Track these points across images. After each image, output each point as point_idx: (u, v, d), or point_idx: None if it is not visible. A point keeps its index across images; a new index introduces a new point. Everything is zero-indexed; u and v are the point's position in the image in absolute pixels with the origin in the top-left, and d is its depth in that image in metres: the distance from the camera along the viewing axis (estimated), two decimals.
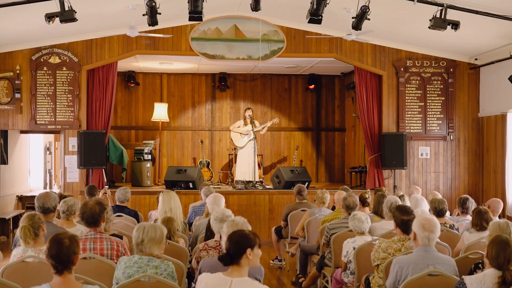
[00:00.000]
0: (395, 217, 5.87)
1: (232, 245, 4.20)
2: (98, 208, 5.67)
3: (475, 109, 13.90)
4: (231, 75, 17.19)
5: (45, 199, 6.56)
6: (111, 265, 5.48)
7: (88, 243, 5.61)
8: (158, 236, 4.94)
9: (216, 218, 5.77)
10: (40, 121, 13.08)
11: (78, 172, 13.13)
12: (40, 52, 13.08)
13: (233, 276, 4.14)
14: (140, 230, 4.94)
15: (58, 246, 4.03)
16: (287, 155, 17.43)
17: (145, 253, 4.93)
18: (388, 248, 5.84)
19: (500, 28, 11.23)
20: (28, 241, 5.46)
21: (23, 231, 5.45)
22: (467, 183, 13.84)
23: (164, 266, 4.89)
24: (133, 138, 16.91)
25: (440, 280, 4.91)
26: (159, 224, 5.08)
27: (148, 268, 4.84)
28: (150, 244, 4.89)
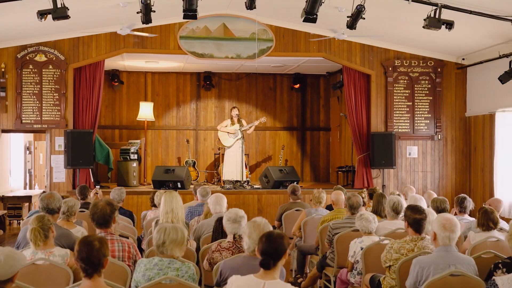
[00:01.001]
0: (407, 216, 5.83)
1: (272, 248, 4.11)
2: (109, 208, 5.55)
3: (462, 108, 13.98)
4: (216, 74, 17.09)
5: (49, 199, 6.42)
6: (123, 267, 5.37)
7: None
8: (180, 237, 4.83)
9: (230, 219, 5.68)
10: (25, 120, 12.87)
11: (64, 172, 12.92)
12: (26, 50, 12.87)
13: (266, 278, 4.06)
14: (161, 231, 4.83)
15: (88, 248, 3.92)
16: (272, 155, 17.38)
17: (166, 255, 4.83)
18: (400, 249, 5.79)
19: (490, 28, 11.30)
20: (38, 243, 5.32)
21: (33, 233, 5.31)
22: (455, 182, 13.91)
23: (185, 268, 4.79)
24: (117, 137, 16.73)
25: (462, 280, 4.88)
26: (180, 226, 4.97)
27: (169, 270, 4.73)
28: (172, 246, 4.79)
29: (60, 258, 5.34)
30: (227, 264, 4.87)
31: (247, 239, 4.78)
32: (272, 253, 4.09)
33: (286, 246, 4.15)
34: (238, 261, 4.87)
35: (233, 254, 5.52)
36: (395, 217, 7.74)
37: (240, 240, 5.66)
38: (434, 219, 5.28)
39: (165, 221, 7.16)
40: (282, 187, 13.61)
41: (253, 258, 4.78)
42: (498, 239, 6.57)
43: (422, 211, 5.77)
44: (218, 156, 16.33)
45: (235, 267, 4.76)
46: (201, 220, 8.22)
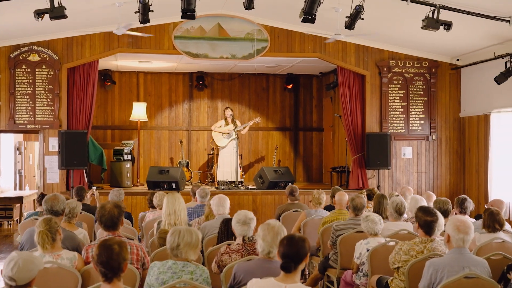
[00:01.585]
0: (418, 218, 5.80)
1: (294, 251, 4.07)
2: (117, 211, 5.47)
3: (456, 109, 14.01)
4: (208, 74, 17.03)
5: (53, 201, 6.34)
6: (132, 270, 5.30)
7: None
8: (194, 240, 4.77)
9: (239, 221, 5.63)
10: (19, 120, 12.74)
11: (58, 172, 12.81)
12: (19, 50, 12.74)
13: (286, 282, 4.02)
14: (175, 234, 4.77)
15: (108, 252, 3.86)
16: (265, 155, 17.35)
17: (180, 258, 4.77)
18: (410, 251, 5.77)
19: (485, 29, 11.33)
20: (46, 246, 5.24)
21: (40, 236, 5.23)
22: (449, 182, 13.94)
23: (199, 272, 4.73)
24: (109, 137, 16.62)
25: (476, 283, 4.86)
26: (194, 229, 4.91)
27: (183, 273, 4.67)
28: (186, 248, 4.73)
29: (68, 261, 5.27)
30: (241, 267, 4.82)
31: (261, 242, 4.73)
32: (293, 256, 4.06)
33: (307, 250, 4.11)
34: (252, 264, 4.83)
35: (243, 257, 5.47)
36: (398, 218, 7.73)
37: (250, 243, 5.62)
38: (447, 221, 5.25)
39: (168, 222, 7.12)
40: (277, 187, 13.58)
41: (267, 261, 4.74)
42: (504, 240, 6.58)
43: (433, 213, 5.74)
44: (212, 156, 16.27)
45: (249, 270, 4.71)
46: (202, 221, 8.17)
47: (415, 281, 5.70)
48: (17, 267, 3.77)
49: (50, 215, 6.26)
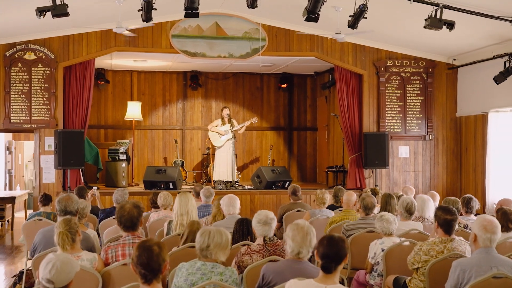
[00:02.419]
0: (437, 217, 5.77)
1: (334, 251, 4.02)
2: (136, 211, 5.39)
3: (453, 109, 14.04)
4: (203, 73, 16.93)
5: (67, 202, 6.25)
6: None
7: (127, 249, 5.33)
8: (224, 241, 4.70)
9: (260, 221, 5.57)
10: (14, 119, 12.58)
11: (54, 172, 12.66)
12: (14, 48, 12.58)
13: (326, 283, 3.96)
14: (205, 235, 4.69)
15: (149, 253, 3.77)
16: (260, 155, 17.28)
17: (209, 259, 4.69)
18: (430, 251, 5.74)
19: (485, 29, 11.36)
20: (66, 247, 5.15)
21: (60, 237, 5.14)
22: (445, 182, 13.97)
23: (229, 273, 4.66)
24: (103, 137, 16.47)
25: (505, 283, 4.82)
26: (224, 229, 4.84)
27: (212, 275, 4.60)
28: (216, 249, 4.66)
29: (88, 263, 5.18)
30: (270, 268, 4.75)
31: (291, 242, 4.66)
32: (333, 256, 4.01)
33: (346, 250, 4.07)
34: (281, 264, 4.76)
35: (264, 257, 5.41)
36: (408, 217, 7.70)
37: (271, 243, 5.56)
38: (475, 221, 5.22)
39: (180, 223, 7.07)
40: (275, 187, 13.53)
41: (296, 262, 4.68)
42: None
43: (453, 212, 5.72)
44: (207, 156, 16.18)
45: (278, 271, 4.65)
46: (209, 221, 8.09)
47: (436, 281, 5.68)
48: (55, 269, 3.69)
49: (63, 215, 6.17)
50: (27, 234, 8.66)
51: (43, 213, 8.75)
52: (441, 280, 5.64)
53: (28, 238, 8.68)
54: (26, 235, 8.67)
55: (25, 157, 21.55)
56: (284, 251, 5.53)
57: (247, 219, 6.27)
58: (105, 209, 8.98)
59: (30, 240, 8.67)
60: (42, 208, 8.95)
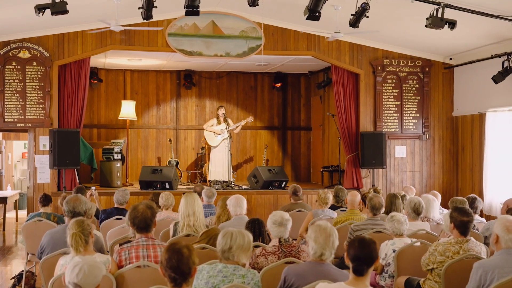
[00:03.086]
0: (453, 218, 5.71)
1: (366, 254, 3.94)
2: (150, 212, 5.29)
3: (449, 108, 14.03)
4: (196, 72, 16.80)
5: (75, 202, 6.12)
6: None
7: (141, 250, 5.22)
8: (246, 243, 4.61)
9: (275, 222, 5.49)
10: (8, 118, 12.40)
11: (49, 172, 12.50)
12: (8, 46, 12.40)
13: (358, 286, 3.89)
14: (227, 236, 4.59)
15: (179, 256, 3.67)
16: (254, 155, 17.19)
17: (231, 261, 4.59)
18: (446, 251, 5.68)
19: (483, 28, 11.35)
20: (80, 249, 5.03)
21: (74, 238, 5.01)
22: (442, 181, 13.95)
23: (250, 275, 4.56)
24: (95, 136, 16.30)
25: None
26: (246, 231, 4.74)
27: (234, 277, 4.50)
28: (239, 251, 4.56)
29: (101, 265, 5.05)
30: (292, 270, 4.66)
31: (313, 244, 4.58)
32: (365, 258, 3.93)
33: (377, 252, 3.99)
34: (303, 266, 4.68)
35: (279, 259, 5.33)
36: (416, 218, 7.67)
37: (286, 244, 5.47)
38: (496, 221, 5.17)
39: (187, 224, 6.97)
40: (271, 187, 13.44)
41: (319, 264, 4.60)
42: None
43: (469, 213, 5.67)
44: (201, 155, 16.06)
45: (300, 273, 4.56)
46: (213, 221, 8.01)
47: (452, 282, 5.62)
48: (82, 273, 3.58)
49: (72, 216, 6.05)
50: (27, 235, 8.53)
51: (43, 214, 8.61)
52: (457, 281, 5.60)
53: (28, 239, 8.56)
54: (25, 236, 8.53)
55: (15, 157, 21.32)
56: (299, 252, 5.45)
57: (259, 219, 6.20)
58: (105, 210, 8.85)
59: (30, 241, 8.57)
60: (42, 208, 8.81)
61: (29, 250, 8.61)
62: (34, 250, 8.57)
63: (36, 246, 8.48)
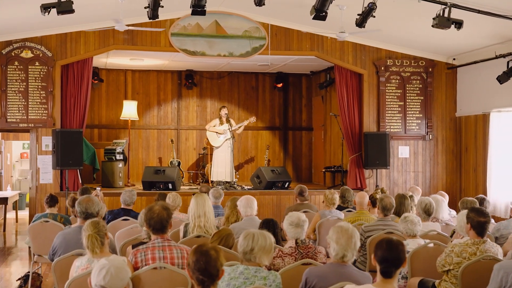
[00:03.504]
0: (470, 219, 5.67)
1: (394, 255, 3.89)
2: (166, 213, 5.22)
3: (452, 108, 14.01)
4: (197, 72, 16.74)
5: (88, 203, 6.05)
6: (183, 275, 5.07)
7: (157, 252, 5.16)
8: (268, 244, 4.56)
9: (292, 223, 5.43)
10: (11, 119, 12.32)
11: (52, 173, 12.42)
12: (11, 46, 12.32)
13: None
14: (249, 238, 4.54)
15: (207, 258, 3.62)
16: (255, 155, 17.14)
17: (253, 263, 4.54)
18: (462, 253, 5.64)
19: (488, 29, 11.31)
20: (96, 250, 4.98)
21: (90, 240, 4.96)
22: (445, 182, 13.92)
23: (272, 277, 4.51)
24: (96, 137, 16.22)
25: None
26: (267, 232, 4.70)
27: (256, 279, 4.45)
28: (260, 253, 4.51)
29: None
30: (313, 272, 4.62)
31: (335, 245, 4.53)
32: (393, 260, 3.89)
33: (405, 254, 3.95)
34: (325, 268, 4.63)
35: (296, 260, 5.28)
36: (426, 218, 7.64)
37: (303, 245, 5.42)
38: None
39: (197, 225, 6.92)
40: (275, 187, 13.40)
41: (341, 265, 4.55)
42: None
43: (486, 214, 5.63)
44: (203, 156, 16.01)
45: (322, 275, 4.52)
46: (222, 222, 7.95)
47: (468, 283, 5.58)
48: (109, 275, 3.52)
49: (84, 218, 6.00)
50: (34, 236, 8.46)
51: (49, 215, 8.53)
52: (474, 282, 5.57)
53: (35, 240, 8.49)
54: (32, 237, 8.46)
55: (13, 157, 21.22)
56: (316, 254, 5.41)
57: (273, 220, 6.14)
58: (112, 211, 8.79)
59: (36, 242, 8.49)
60: (48, 209, 8.73)
61: (35, 251, 8.54)
62: (40, 251, 8.52)
63: (42, 247, 8.46)
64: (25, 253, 12.33)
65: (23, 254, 12.29)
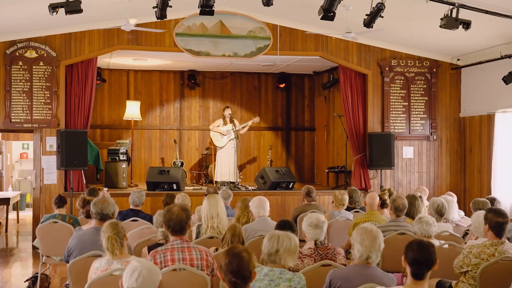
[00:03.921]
0: (488, 220, 5.66)
1: (425, 257, 3.87)
2: (185, 214, 5.19)
3: (456, 109, 14.00)
4: (200, 72, 16.69)
5: (103, 204, 6.01)
6: (203, 277, 5.05)
7: (176, 253, 5.12)
8: (293, 246, 4.53)
9: (311, 224, 5.41)
10: (15, 119, 12.25)
11: (56, 173, 12.36)
12: (15, 46, 12.25)
13: None
14: (274, 239, 4.51)
15: (239, 260, 3.58)
16: (257, 155, 17.11)
17: (278, 265, 4.51)
18: (481, 254, 5.62)
19: (494, 29, 11.29)
20: (116, 252, 4.94)
21: (110, 241, 4.92)
22: (449, 182, 13.91)
23: (297, 279, 4.48)
24: (98, 137, 16.16)
25: None
26: (292, 234, 4.66)
27: (281, 281, 4.42)
28: (285, 254, 4.48)
29: None
30: (337, 274, 4.59)
31: (359, 246, 4.51)
32: (425, 261, 3.87)
33: (436, 255, 3.92)
34: (349, 270, 4.60)
35: (315, 261, 5.26)
36: (439, 219, 7.61)
37: (322, 247, 5.40)
38: None
39: (210, 226, 6.90)
40: (279, 188, 13.36)
41: (365, 267, 4.53)
42: None
43: (505, 214, 5.62)
44: (206, 156, 15.97)
45: (346, 277, 4.49)
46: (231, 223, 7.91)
47: (487, 285, 5.57)
48: (141, 277, 3.47)
49: (100, 219, 5.96)
50: (42, 237, 8.42)
51: (58, 216, 8.49)
52: (492, 283, 5.55)
53: (43, 241, 8.45)
54: (41, 238, 8.42)
55: (13, 158, 21.15)
56: (335, 255, 5.38)
57: (289, 221, 6.09)
58: (121, 211, 8.72)
59: (45, 243, 8.46)
60: (57, 210, 8.68)
61: (44, 252, 8.50)
62: (49, 252, 8.49)
63: (51, 248, 8.44)
64: (24, 254, 12.33)
65: (23, 255, 12.28)
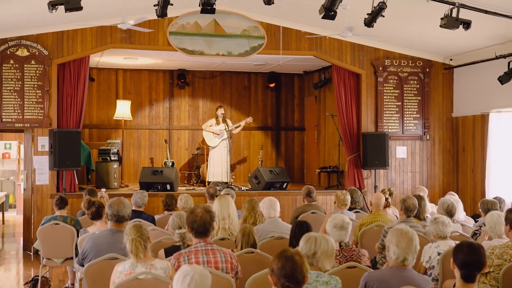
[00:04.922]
0: (509, 220, 5.65)
1: (476, 259, 3.80)
2: (209, 216, 5.08)
3: (449, 109, 14.03)
4: (189, 71, 16.54)
5: (119, 206, 5.87)
6: (228, 280, 4.95)
7: (201, 256, 5.01)
8: (330, 248, 4.44)
9: (336, 225, 5.33)
10: (6, 118, 12.02)
11: (48, 173, 12.15)
12: (6, 44, 12.01)
13: None
14: (311, 241, 4.41)
15: (293, 264, 3.48)
16: (247, 155, 17.00)
17: (315, 267, 4.42)
18: (503, 254, 5.59)
19: (489, 29, 11.32)
20: (140, 255, 4.81)
21: (134, 244, 4.79)
22: (442, 182, 13.94)
23: (334, 282, 4.39)
24: (87, 137, 15.91)
25: None
26: (328, 236, 4.57)
27: (317, 284, 4.32)
28: (323, 257, 4.39)
29: (162, 271, 4.84)
30: (373, 276, 4.51)
31: (395, 249, 4.43)
32: (476, 264, 3.80)
33: (486, 258, 3.86)
34: (385, 272, 4.53)
35: (341, 263, 5.18)
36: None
37: (347, 248, 5.32)
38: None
39: (222, 227, 6.80)
40: (273, 188, 13.27)
41: (401, 269, 4.45)
42: None
43: None
44: (197, 156, 15.83)
45: (383, 279, 4.41)
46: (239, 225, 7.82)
47: (510, 286, 5.53)
48: (194, 282, 3.36)
49: (116, 221, 5.83)
50: (43, 239, 8.27)
51: (59, 217, 8.34)
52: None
53: (44, 243, 8.30)
54: (41, 240, 8.26)
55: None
56: (360, 256, 5.31)
57: (307, 222, 6.00)
58: None
59: (46, 245, 8.29)
60: (58, 211, 8.52)
61: (44, 255, 8.35)
62: (50, 254, 8.34)
63: (52, 250, 8.28)
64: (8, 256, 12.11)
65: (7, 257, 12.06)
